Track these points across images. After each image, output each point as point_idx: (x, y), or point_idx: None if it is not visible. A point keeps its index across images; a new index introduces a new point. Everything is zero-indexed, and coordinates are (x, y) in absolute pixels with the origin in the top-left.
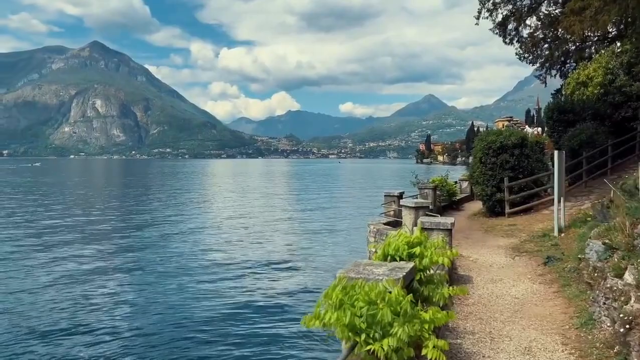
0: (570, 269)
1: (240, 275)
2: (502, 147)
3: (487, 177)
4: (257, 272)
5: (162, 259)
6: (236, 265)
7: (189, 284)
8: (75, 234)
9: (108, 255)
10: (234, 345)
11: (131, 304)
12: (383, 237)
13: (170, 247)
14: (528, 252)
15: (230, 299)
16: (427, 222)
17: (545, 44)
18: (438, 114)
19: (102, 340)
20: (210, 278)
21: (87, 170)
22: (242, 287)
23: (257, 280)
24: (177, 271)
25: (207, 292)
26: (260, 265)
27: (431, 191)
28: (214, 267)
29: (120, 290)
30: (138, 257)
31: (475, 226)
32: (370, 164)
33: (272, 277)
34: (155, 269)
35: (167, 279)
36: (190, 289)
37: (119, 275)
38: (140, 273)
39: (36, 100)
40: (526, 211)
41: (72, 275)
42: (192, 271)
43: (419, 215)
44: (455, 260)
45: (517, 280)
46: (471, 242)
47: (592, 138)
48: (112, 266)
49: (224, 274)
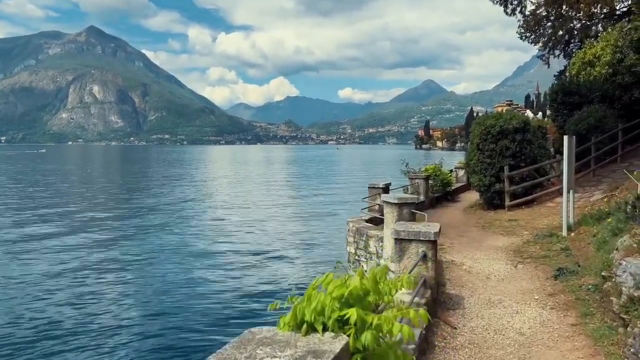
0: (590, 287)
1: (224, 264)
2: (502, 131)
3: (485, 166)
4: (245, 261)
5: (149, 248)
6: (222, 255)
7: (169, 271)
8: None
9: (111, 244)
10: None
11: (126, 293)
12: (363, 238)
13: (153, 238)
14: (533, 258)
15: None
16: (403, 231)
17: (549, 22)
18: (437, 100)
19: (85, 328)
20: (196, 265)
21: (94, 157)
22: (224, 276)
23: (243, 270)
24: (154, 260)
25: (190, 280)
26: (249, 255)
27: (423, 181)
28: (204, 255)
29: (118, 278)
30: (132, 245)
31: (471, 221)
32: (369, 150)
33: (258, 266)
34: (147, 257)
35: (155, 266)
36: (171, 276)
37: (120, 263)
38: (134, 260)
39: (33, 86)
40: (528, 203)
41: (66, 261)
42: (171, 259)
43: (403, 213)
44: (445, 269)
45: (521, 302)
46: (466, 242)
47: (601, 122)
48: (112, 253)
49: (214, 261)
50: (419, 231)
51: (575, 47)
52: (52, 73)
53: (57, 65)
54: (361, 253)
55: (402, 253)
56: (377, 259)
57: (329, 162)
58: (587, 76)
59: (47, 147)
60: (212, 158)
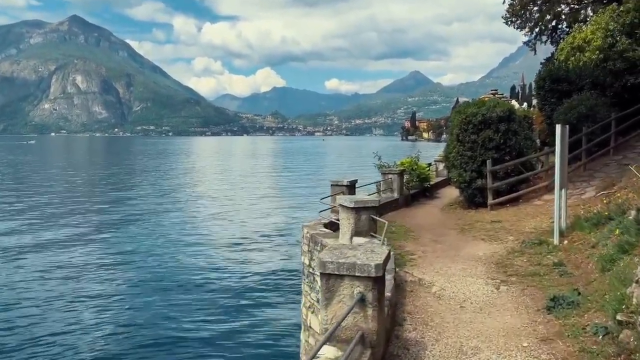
0: (599, 330)
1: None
2: (485, 121)
3: (465, 159)
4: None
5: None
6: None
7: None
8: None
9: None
10: None
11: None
12: (318, 247)
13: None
14: (519, 275)
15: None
16: (332, 263)
17: (535, 7)
18: (424, 91)
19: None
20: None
21: (85, 149)
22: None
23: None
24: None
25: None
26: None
27: (397, 177)
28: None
29: (106, 271)
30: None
31: (449, 222)
32: (354, 142)
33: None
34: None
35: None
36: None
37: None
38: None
39: (14, 76)
40: (513, 201)
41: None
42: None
43: (361, 219)
44: (408, 295)
45: (504, 352)
46: (441, 250)
47: (592, 110)
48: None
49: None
50: (354, 263)
51: (563, 33)
52: (33, 63)
53: (39, 54)
54: (316, 266)
55: (330, 295)
56: None
57: (314, 154)
58: (576, 62)
59: (38, 139)
60: (196, 150)
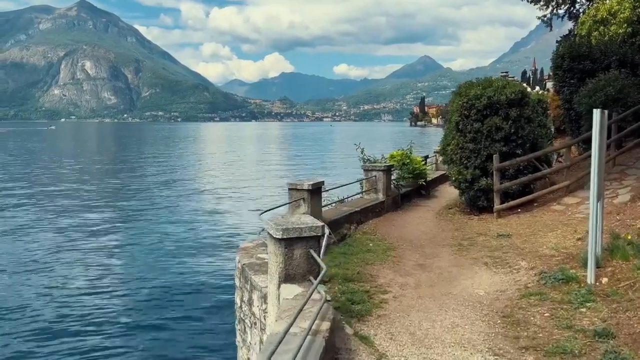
0: None
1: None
2: (491, 105)
3: (466, 153)
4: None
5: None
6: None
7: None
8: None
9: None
10: None
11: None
12: (247, 286)
13: None
14: (539, 350)
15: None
16: None
17: None
18: (433, 76)
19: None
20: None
21: (107, 135)
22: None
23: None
24: None
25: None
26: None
27: (382, 174)
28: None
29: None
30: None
31: (444, 234)
32: (363, 127)
33: None
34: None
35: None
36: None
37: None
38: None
39: (24, 62)
40: (526, 205)
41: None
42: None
43: (294, 256)
44: None
45: None
46: (426, 286)
47: (622, 93)
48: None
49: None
50: None
51: (582, 6)
52: (43, 49)
53: (48, 40)
54: (246, 310)
55: None
56: (260, 332)
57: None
58: (600, 37)
59: (43, 124)
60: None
